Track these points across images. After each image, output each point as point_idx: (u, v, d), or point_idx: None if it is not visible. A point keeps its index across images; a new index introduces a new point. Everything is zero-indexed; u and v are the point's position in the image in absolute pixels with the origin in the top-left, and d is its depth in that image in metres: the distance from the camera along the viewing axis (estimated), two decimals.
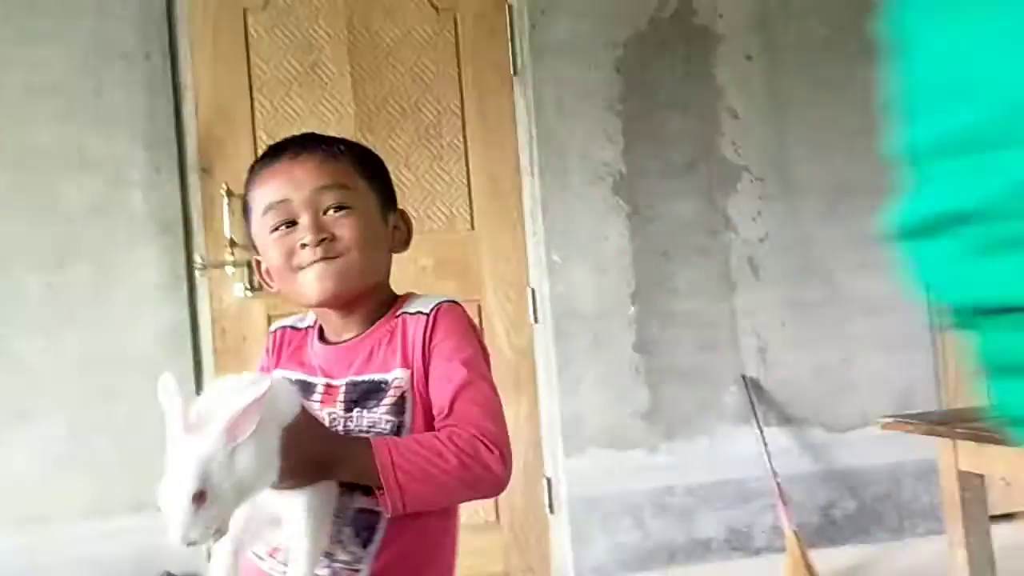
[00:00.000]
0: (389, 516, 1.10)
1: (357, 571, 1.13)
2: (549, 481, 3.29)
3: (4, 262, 2.94)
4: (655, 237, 3.36)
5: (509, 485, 1.16)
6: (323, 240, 1.19)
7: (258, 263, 1.32)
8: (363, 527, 1.13)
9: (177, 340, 3.02)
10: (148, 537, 2.93)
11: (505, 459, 1.11)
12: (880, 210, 2.72)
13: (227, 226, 3.03)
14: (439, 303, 1.24)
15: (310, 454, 1.06)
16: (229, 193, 3.04)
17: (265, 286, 1.32)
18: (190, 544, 0.98)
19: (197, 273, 3.06)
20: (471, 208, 3.29)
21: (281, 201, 1.21)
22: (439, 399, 1.16)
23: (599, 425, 3.29)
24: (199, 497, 0.98)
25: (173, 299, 3.03)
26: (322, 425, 1.16)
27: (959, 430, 2.36)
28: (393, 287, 1.35)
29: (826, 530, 3.39)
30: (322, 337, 1.30)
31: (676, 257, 3.38)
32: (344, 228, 1.21)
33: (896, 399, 3.45)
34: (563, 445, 3.26)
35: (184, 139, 3.08)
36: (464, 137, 3.29)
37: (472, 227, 3.28)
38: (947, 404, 3.48)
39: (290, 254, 1.20)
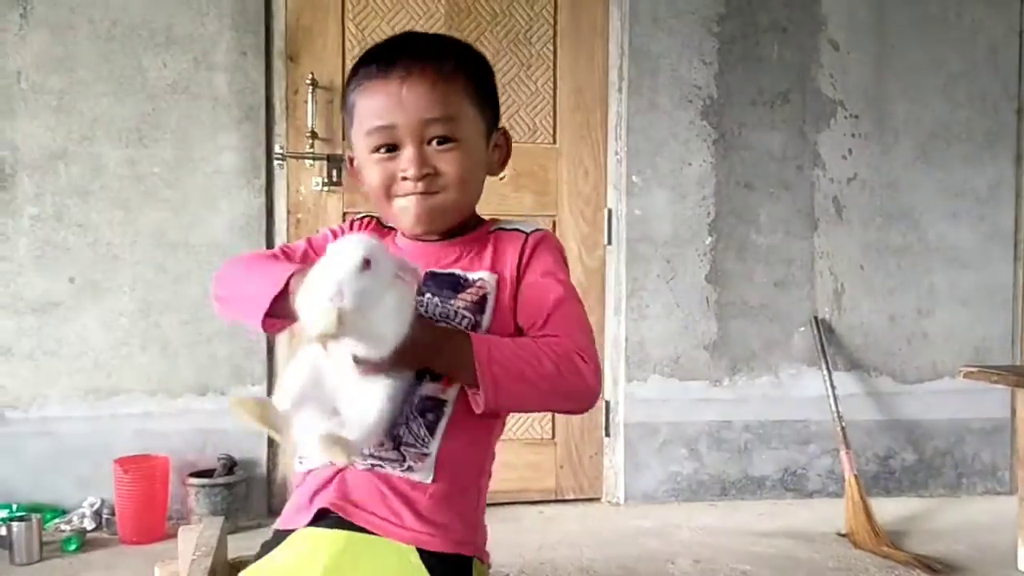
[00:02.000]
0: (481, 411, 1.08)
1: (425, 454, 1.12)
2: (608, 404, 3.27)
3: (88, 132, 2.93)
4: (740, 167, 3.27)
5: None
6: (425, 175, 1.16)
7: (351, 159, 1.28)
8: (430, 412, 1.12)
9: (251, 228, 3.00)
10: (211, 420, 2.99)
11: (598, 374, 1.10)
12: (975, 159, 2.61)
13: (310, 117, 2.99)
14: (538, 228, 1.24)
15: (416, 338, 1.03)
16: (314, 83, 2.99)
17: (354, 182, 1.29)
18: (327, 334, 0.98)
19: (276, 162, 3.03)
20: (554, 121, 3.21)
21: (387, 126, 1.16)
22: (534, 312, 1.15)
23: (663, 353, 3.25)
24: (366, 263, 0.99)
25: (250, 186, 3.00)
26: (423, 315, 1.15)
27: None
28: None
29: (883, 479, 3.35)
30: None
31: (759, 189, 3.28)
32: (447, 164, 1.16)
33: (969, 355, 3.37)
34: (625, 370, 3.23)
35: (272, 24, 3.02)
36: (554, 46, 3.19)
37: (554, 140, 3.21)
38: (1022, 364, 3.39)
39: (390, 181, 1.18)
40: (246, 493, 2.95)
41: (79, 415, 2.94)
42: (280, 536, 1.17)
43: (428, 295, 1.17)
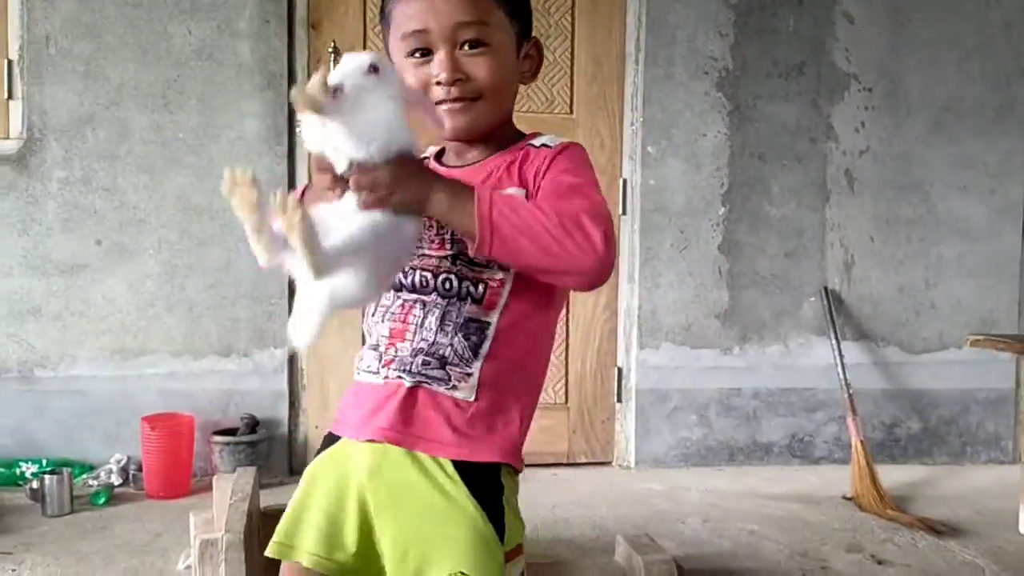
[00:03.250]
0: (474, 254, 1.09)
1: (469, 374, 1.16)
2: (620, 371, 3.34)
3: (115, 97, 2.99)
4: (754, 138, 3.31)
5: (580, 370, 1.18)
6: (457, 80, 1.17)
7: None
8: (474, 334, 1.16)
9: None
10: (234, 380, 3.07)
11: (608, 239, 1.06)
12: (986, 133, 2.67)
13: None
14: (567, 141, 1.23)
15: (410, 170, 1.07)
16: (336, 51, 3.04)
17: None
18: (316, 99, 1.00)
19: (298, 129, 3.08)
20: (571, 92, 3.25)
21: (420, 31, 1.18)
22: (543, 199, 1.14)
23: (675, 321, 3.31)
24: (374, 69, 1.03)
25: (272, 152, 3.06)
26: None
27: None
28: None
29: (888, 447, 3.42)
30: (440, 160, 1.30)
31: (773, 161, 3.33)
32: (478, 68, 1.18)
33: (976, 326, 3.43)
34: (638, 337, 3.30)
35: None
36: (572, 17, 3.23)
37: (571, 111, 3.26)
38: None
39: (424, 87, 1.19)
40: (268, 451, 3.04)
41: (106, 374, 3.03)
42: (333, 440, 1.23)
43: None
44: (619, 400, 3.35)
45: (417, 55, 1.19)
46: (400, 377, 1.16)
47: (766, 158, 3.33)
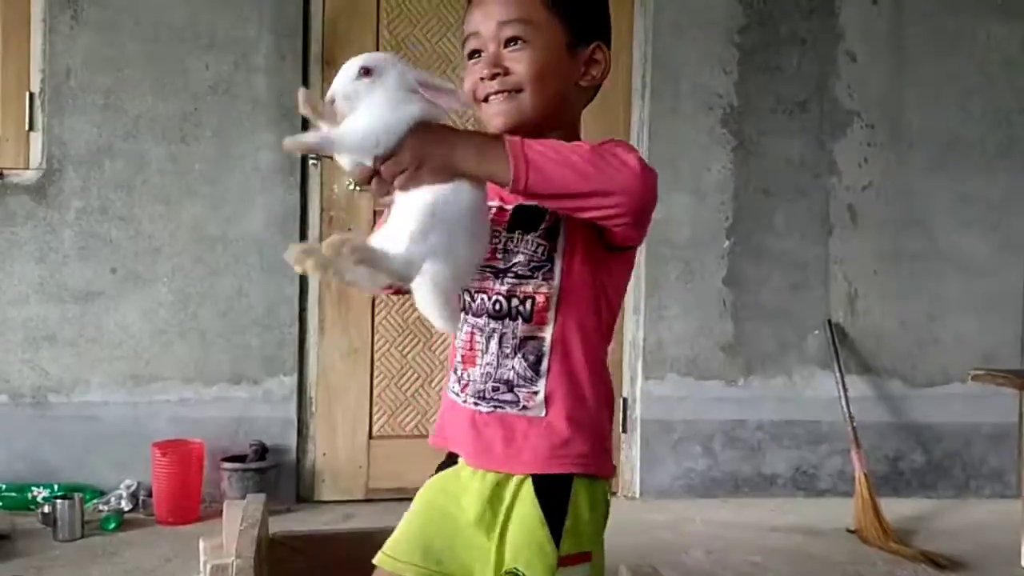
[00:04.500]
0: (510, 188, 1.07)
1: (535, 392, 1.21)
2: (625, 401, 3.37)
3: (132, 129, 3.06)
4: (758, 173, 3.37)
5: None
6: (496, 75, 1.22)
7: None
8: (531, 353, 1.21)
9: (286, 224, 3.13)
10: (244, 407, 3.11)
11: (644, 163, 1.10)
12: (988, 170, 2.71)
13: None
14: (617, 140, 1.23)
15: (434, 136, 1.09)
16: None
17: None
18: (333, 97, 1.07)
19: (311, 162, 3.15)
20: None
21: (473, 33, 1.25)
22: None
23: (680, 353, 3.35)
24: (366, 72, 1.07)
25: (286, 184, 3.13)
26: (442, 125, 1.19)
27: None
28: None
29: (892, 480, 3.44)
30: None
31: (777, 195, 3.38)
32: (517, 62, 1.22)
33: (978, 361, 3.43)
34: (643, 368, 3.33)
35: (310, 29, 3.14)
36: None
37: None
38: None
39: (474, 85, 1.25)
40: (276, 478, 3.07)
41: (118, 400, 3.07)
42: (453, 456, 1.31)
43: (518, 232, 1.22)
44: (624, 431, 3.38)
45: (475, 56, 1.26)
46: (476, 404, 1.24)
47: (770, 192, 3.38)
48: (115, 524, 2.82)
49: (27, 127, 3.04)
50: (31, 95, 3.04)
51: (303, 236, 3.15)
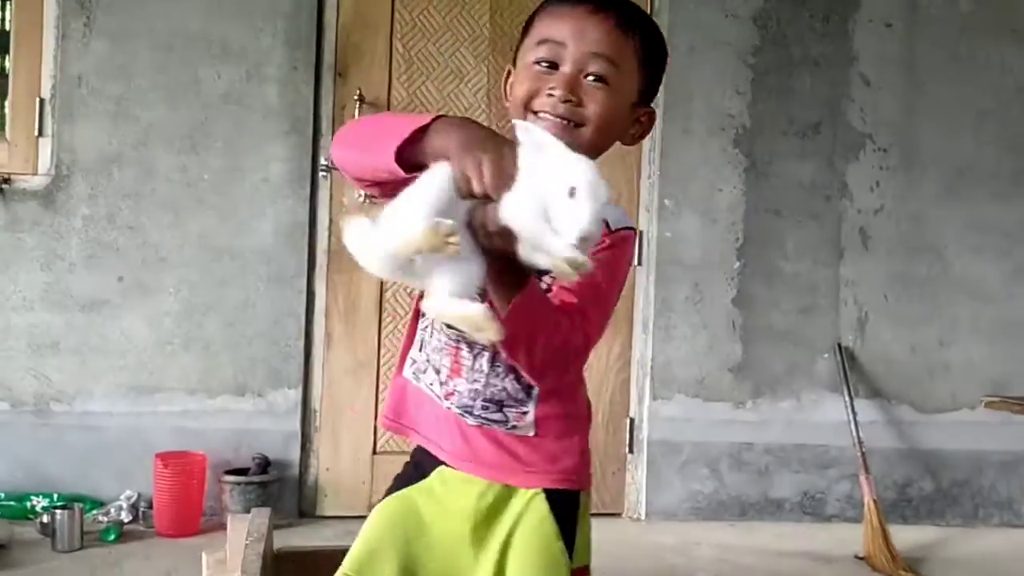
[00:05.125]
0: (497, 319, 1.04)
1: (525, 413, 1.22)
2: (632, 421, 3.34)
3: (142, 138, 3.04)
4: (769, 195, 3.35)
5: (593, 421, 1.31)
6: (568, 101, 1.17)
7: (508, 73, 1.29)
8: (520, 377, 1.20)
9: (295, 236, 3.11)
10: (247, 420, 3.08)
11: (588, 342, 1.15)
12: (1001, 196, 2.68)
13: None
14: (626, 227, 1.23)
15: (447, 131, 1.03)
16: (361, 99, 3.10)
17: (504, 96, 1.29)
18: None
19: (321, 173, 3.14)
20: None
21: (557, 41, 1.19)
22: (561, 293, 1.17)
23: (688, 374, 3.32)
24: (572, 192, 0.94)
25: (296, 196, 3.11)
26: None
27: None
28: None
29: (900, 507, 3.40)
30: None
31: (788, 217, 3.36)
32: (593, 100, 1.18)
33: (988, 388, 3.42)
34: (651, 389, 3.30)
35: (323, 41, 3.13)
36: None
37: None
38: None
39: (535, 93, 1.19)
40: (278, 493, 3.03)
41: (120, 411, 3.04)
42: (423, 455, 1.28)
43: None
44: (631, 451, 3.35)
45: (543, 64, 1.19)
46: (463, 415, 1.22)
47: (781, 214, 3.36)
48: (115, 535, 2.78)
49: (36, 133, 3.03)
50: (41, 101, 3.03)
51: (312, 248, 3.13)
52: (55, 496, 2.91)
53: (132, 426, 3.04)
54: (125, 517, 2.92)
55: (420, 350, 1.27)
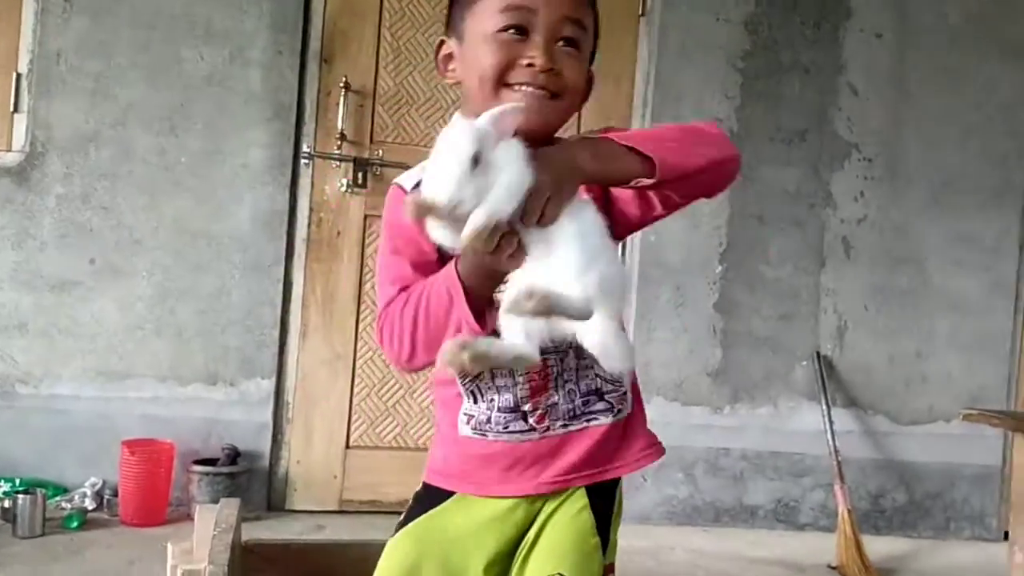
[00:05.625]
0: (656, 180, 1.05)
1: (623, 392, 1.23)
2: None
3: (120, 117, 2.97)
4: (754, 200, 3.34)
5: None
6: (551, 70, 1.11)
7: (441, 44, 1.21)
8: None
9: (273, 223, 3.05)
10: (218, 409, 3.02)
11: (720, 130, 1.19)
12: (983, 210, 2.68)
13: (340, 119, 3.04)
14: (597, 130, 1.20)
15: (552, 149, 1.05)
16: (347, 87, 3.05)
17: (440, 72, 1.23)
18: (454, 207, 0.96)
19: (302, 161, 3.08)
20: None
21: (527, 8, 1.12)
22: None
23: (668, 377, 3.30)
24: (475, 161, 0.96)
25: (276, 183, 3.05)
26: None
27: None
28: None
29: (873, 517, 3.39)
30: None
31: (771, 224, 3.35)
32: (570, 68, 1.13)
33: (965, 401, 3.42)
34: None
35: (310, 26, 3.08)
36: None
37: None
38: None
39: (508, 66, 1.11)
40: (247, 484, 2.98)
41: (88, 395, 2.97)
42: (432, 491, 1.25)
43: None
44: None
45: (512, 32, 1.12)
46: (566, 425, 1.18)
47: (765, 220, 3.35)
48: (78, 523, 2.71)
49: (12, 108, 2.95)
50: (18, 76, 2.96)
51: (290, 236, 3.08)
52: (17, 481, 2.83)
53: (100, 411, 2.97)
54: (89, 504, 2.85)
55: (476, 403, 1.21)
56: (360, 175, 3.05)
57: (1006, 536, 2.66)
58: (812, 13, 3.35)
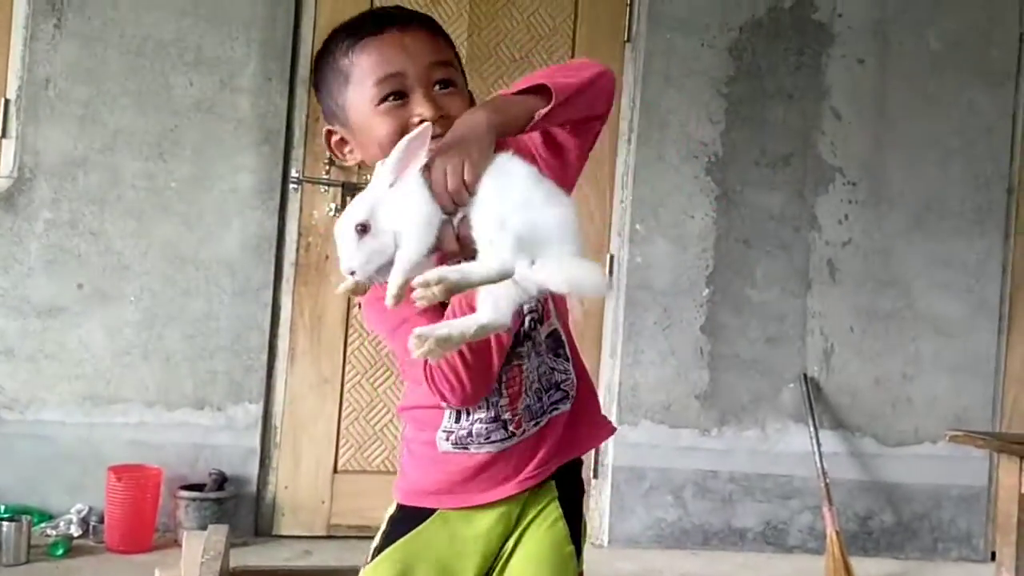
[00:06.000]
0: (554, 102, 1.08)
1: (572, 380, 1.27)
2: (597, 447, 3.32)
3: (109, 143, 2.98)
4: (740, 224, 3.37)
5: None
6: (441, 117, 1.15)
7: (329, 133, 1.26)
8: (556, 347, 1.27)
9: (262, 248, 3.06)
10: (205, 434, 3.01)
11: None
12: (966, 233, 2.73)
13: None
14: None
15: (459, 123, 1.08)
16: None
17: (337, 158, 1.28)
18: (352, 274, 1.03)
19: (291, 186, 3.09)
20: None
21: (396, 73, 1.16)
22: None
23: (655, 399, 3.31)
24: (362, 229, 1.02)
25: (264, 207, 3.06)
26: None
27: None
28: None
29: (861, 539, 3.40)
30: None
31: (757, 247, 3.38)
32: (454, 105, 1.18)
33: (951, 422, 3.44)
34: (617, 413, 3.28)
35: (299, 52, 3.10)
36: None
37: None
38: None
39: (403, 129, 1.14)
40: (234, 510, 2.96)
41: (75, 421, 2.96)
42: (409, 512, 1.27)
43: None
44: (595, 476, 3.32)
45: (392, 99, 1.17)
46: (537, 423, 1.24)
47: (751, 243, 3.37)
48: (63, 550, 2.69)
49: (0, 134, 2.96)
50: (6, 101, 2.97)
51: (279, 261, 3.09)
52: (2, 507, 2.81)
53: (86, 437, 2.95)
54: (75, 531, 2.83)
55: (458, 421, 1.24)
56: (348, 200, 3.06)
57: (993, 556, 2.66)
58: (795, 39, 3.40)
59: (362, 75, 1.19)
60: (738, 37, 3.36)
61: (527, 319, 1.22)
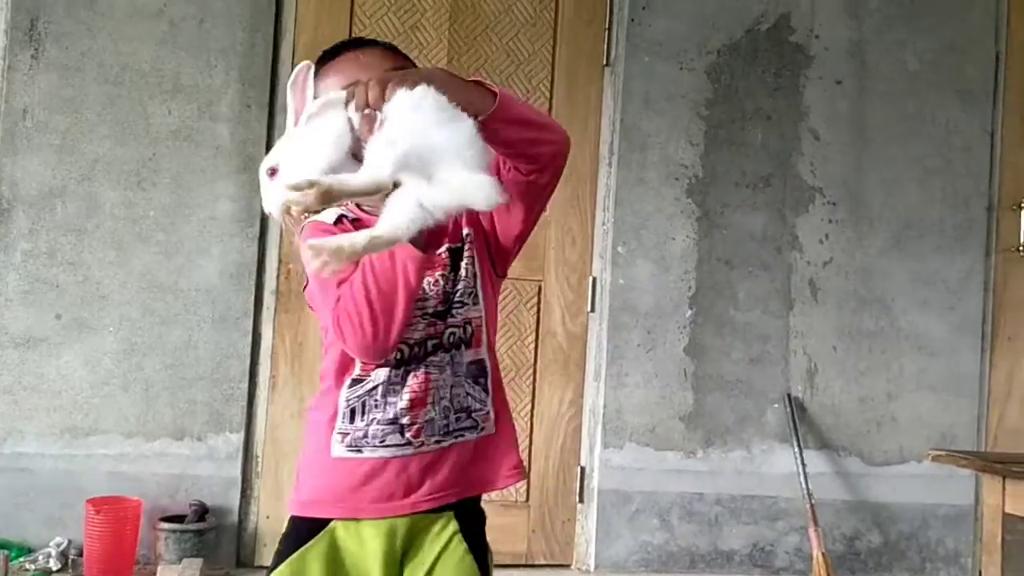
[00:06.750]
0: (494, 110, 1.12)
1: (487, 412, 1.30)
2: (583, 470, 3.30)
3: (87, 172, 2.97)
4: (721, 245, 3.37)
5: (543, 467, 1.37)
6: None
7: None
8: (478, 375, 1.29)
9: (242, 275, 3.04)
10: (185, 465, 2.98)
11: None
12: (946, 251, 2.74)
13: None
14: None
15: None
16: None
17: None
18: (272, 213, 1.17)
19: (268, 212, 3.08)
20: None
21: (354, 83, 1.19)
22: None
23: (640, 422, 3.30)
24: (271, 172, 1.16)
25: (244, 235, 3.05)
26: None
27: (1016, 469, 2.36)
28: None
29: (848, 560, 3.39)
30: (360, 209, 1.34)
31: (739, 267, 3.38)
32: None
33: (936, 441, 3.44)
34: (602, 437, 3.27)
35: (278, 80, 3.10)
36: None
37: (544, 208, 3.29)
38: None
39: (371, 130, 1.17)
40: (216, 541, 2.93)
41: (53, 453, 2.93)
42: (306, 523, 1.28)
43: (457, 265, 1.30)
44: (580, 500, 3.30)
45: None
46: (439, 441, 1.25)
47: (733, 264, 3.38)
48: None
49: None
50: None
51: (259, 289, 3.07)
52: None
53: (64, 469, 2.92)
54: (54, 565, 2.80)
55: (352, 421, 1.26)
56: None
57: None
58: (773, 62, 3.42)
59: (323, 93, 1.25)
60: (716, 60, 3.38)
61: (446, 332, 1.26)
